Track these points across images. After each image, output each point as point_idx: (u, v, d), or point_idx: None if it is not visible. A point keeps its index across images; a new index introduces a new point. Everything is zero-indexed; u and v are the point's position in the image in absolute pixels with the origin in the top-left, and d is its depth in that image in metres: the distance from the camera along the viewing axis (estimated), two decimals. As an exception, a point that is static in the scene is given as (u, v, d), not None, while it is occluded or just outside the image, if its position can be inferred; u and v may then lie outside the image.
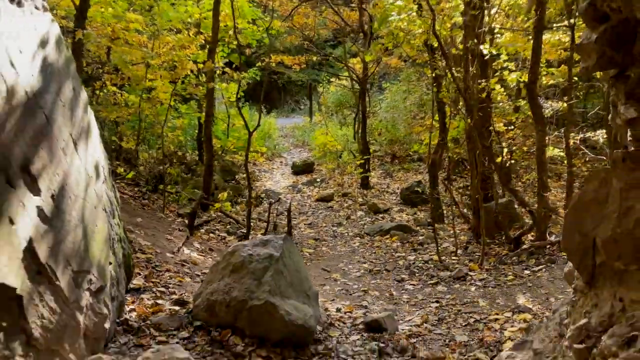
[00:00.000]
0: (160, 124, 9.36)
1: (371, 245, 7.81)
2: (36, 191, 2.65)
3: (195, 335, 3.66)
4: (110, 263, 3.65)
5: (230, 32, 9.55)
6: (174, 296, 4.42)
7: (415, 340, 4.24)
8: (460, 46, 7.77)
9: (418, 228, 8.75)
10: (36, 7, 3.21)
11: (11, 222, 2.36)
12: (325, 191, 11.58)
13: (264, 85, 8.80)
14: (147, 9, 9.09)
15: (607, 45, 2.32)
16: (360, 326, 4.43)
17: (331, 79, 17.01)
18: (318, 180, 12.65)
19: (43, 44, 3.09)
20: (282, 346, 3.69)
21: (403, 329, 4.51)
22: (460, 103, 7.66)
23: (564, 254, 5.45)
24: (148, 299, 4.27)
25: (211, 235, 7.18)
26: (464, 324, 4.62)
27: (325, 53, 21.31)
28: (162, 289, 4.55)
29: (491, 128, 8.03)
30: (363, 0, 12.08)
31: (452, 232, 7.56)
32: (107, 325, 3.39)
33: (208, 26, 9.79)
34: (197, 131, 12.74)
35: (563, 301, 3.27)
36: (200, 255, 5.88)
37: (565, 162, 6.74)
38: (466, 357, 3.91)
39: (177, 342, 3.56)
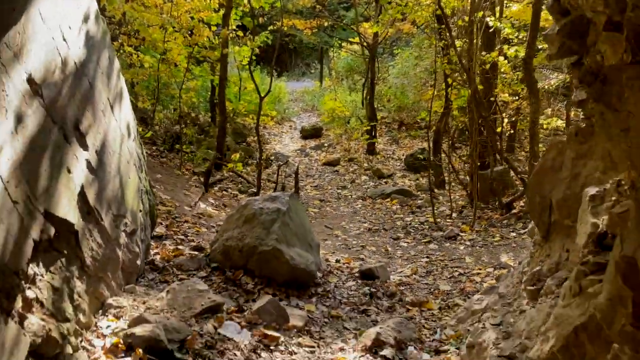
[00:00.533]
0: (174, 85, 9.83)
1: (372, 207, 8.39)
2: (85, 146, 3.21)
3: (212, 274, 4.29)
4: (140, 210, 4.26)
5: (244, -4, 9.87)
6: (192, 243, 5.05)
7: (403, 288, 4.85)
8: (466, 18, 8.06)
9: (419, 193, 9.28)
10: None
11: (68, 171, 2.93)
12: (332, 156, 12.10)
13: (276, 49, 9.15)
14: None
15: (567, 36, 2.77)
16: (356, 274, 5.05)
17: (342, 44, 17.19)
18: (326, 144, 13.14)
19: (85, 19, 3.57)
20: (286, 286, 4.31)
21: (394, 279, 5.12)
22: (464, 74, 8.02)
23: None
24: (170, 245, 4.91)
25: (224, 192, 7.79)
26: (449, 277, 5.23)
27: (338, 16, 21.33)
28: (182, 237, 5.18)
29: (492, 99, 8.42)
30: (376, -34, 12.20)
31: (450, 197, 8.09)
32: (138, 262, 4.03)
33: None
34: (209, 93, 13.19)
35: (527, 254, 3.83)
36: (215, 209, 6.50)
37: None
38: (447, 302, 4.52)
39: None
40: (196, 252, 4.74)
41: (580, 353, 2.13)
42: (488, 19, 7.65)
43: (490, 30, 8.26)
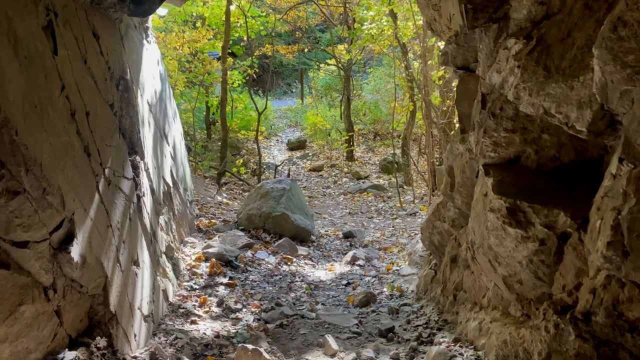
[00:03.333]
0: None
1: (352, 199, 10.68)
2: (167, 142, 5.44)
3: (242, 233, 6.48)
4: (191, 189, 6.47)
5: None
6: (220, 218, 7.24)
7: (373, 241, 7.12)
8: (421, 44, 10.53)
9: (390, 188, 11.61)
10: (150, 41, 5.95)
11: (165, 156, 5.16)
12: (316, 163, 14.40)
13: (270, 72, 11.50)
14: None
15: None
16: (340, 236, 7.30)
17: (320, 64, 19.68)
18: (310, 154, 15.44)
19: (157, 62, 5.83)
20: (292, 239, 6.53)
21: (367, 238, 7.38)
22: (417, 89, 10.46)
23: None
24: (204, 219, 7.08)
25: (231, 191, 9.99)
26: (407, 236, 7.51)
27: (315, 37, 23.92)
28: (212, 215, 7.37)
29: (445, 108, 10.87)
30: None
31: (413, 189, 10.43)
32: (195, 222, 6.22)
33: (213, 20, 12.53)
34: (204, 113, 15.46)
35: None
36: (229, 200, 8.70)
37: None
38: (402, 248, 6.79)
39: (231, 236, 6.38)
40: (225, 222, 6.94)
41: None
42: (439, 42, 10.12)
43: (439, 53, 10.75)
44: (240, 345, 2.94)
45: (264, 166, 13.88)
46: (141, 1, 3.16)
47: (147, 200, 3.90)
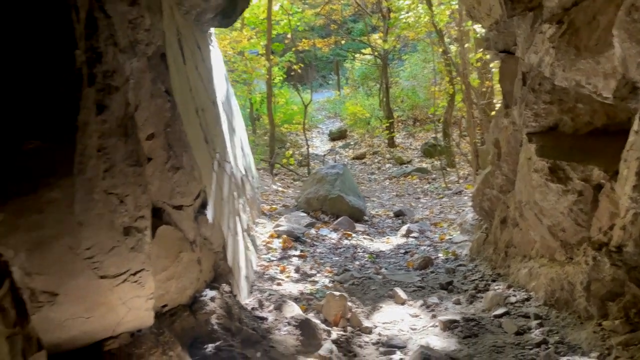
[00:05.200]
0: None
1: (397, 183, 11.25)
2: (237, 135, 6.17)
3: (304, 214, 7.19)
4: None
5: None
6: (279, 204, 7.97)
7: (423, 219, 7.69)
8: (459, 28, 10.93)
9: (434, 171, 12.10)
10: (214, 45, 6.70)
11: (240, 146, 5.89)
12: (358, 151, 15.00)
13: (308, 65, 12.12)
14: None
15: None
16: (391, 215, 7.91)
17: (355, 54, 20.20)
18: (352, 143, 16.06)
19: (221, 63, 6.57)
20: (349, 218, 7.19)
21: (417, 216, 7.95)
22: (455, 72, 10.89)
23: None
24: (266, 205, 7.83)
25: (283, 180, 10.74)
26: (455, 213, 8.03)
27: (347, 28, 24.44)
28: (271, 201, 8.11)
29: (484, 89, 11.25)
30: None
31: (458, 171, 10.90)
32: (260, 207, 6.97)
33: (252, 19, 13.30)
34: (248, 110, 16.31)
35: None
36: (283, 189, 9.44)
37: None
38: (452, 222, 7.32)
39: (293, 218, 7.10)
40: (285, 206, 7.66)
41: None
42: (476, 26, 10.51)
43: (478, 35, 11.12)
44: (328, 292, 3.61)
45: (310, 157, 14.60)
46: (229, 15, 3.85)
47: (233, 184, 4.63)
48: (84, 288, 1.89)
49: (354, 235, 6.31)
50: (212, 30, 6.35)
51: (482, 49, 11.45)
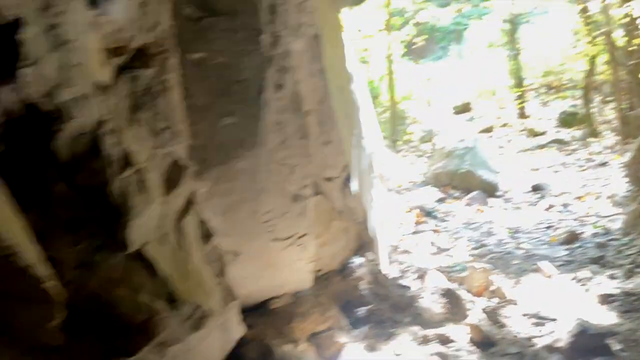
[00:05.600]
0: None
1: (531, 156, 10.59)
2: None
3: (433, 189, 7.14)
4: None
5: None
6: (405, 179, 7.98)
7: (564, 193, 7.19)
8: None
9: (573, 142, 11.15)
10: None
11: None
12: (485, 124, 14.33)
13: (434, 37, 11.79)
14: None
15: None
16: (528, 190, 7.51)
17: (481, 18, 19.11)
18: (477, 117, 15.38)
19: (350, 42, 6.71)
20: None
21: (557, 190, 7.45)
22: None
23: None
24: (393, 181, 7.89)
25: (406, 156, 10.73)
26: (600, 185, 7.38)
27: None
28: (397, 177, 8.15)
29: (632, 49, 10.03)
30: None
31: (602, 141, 9.94)
32: (388, 181, 7.07)
33: None
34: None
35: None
36: (408, 164, 9.44)
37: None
38: (598, 196, 6.75)
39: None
40: (411, 182, 7.67)
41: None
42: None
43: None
44: (469, 265, 3.62)
45: (432, 132, 14.31)
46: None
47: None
48: (260, 249, 2.16)
49: (487, 210, 6.14)
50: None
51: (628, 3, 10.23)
